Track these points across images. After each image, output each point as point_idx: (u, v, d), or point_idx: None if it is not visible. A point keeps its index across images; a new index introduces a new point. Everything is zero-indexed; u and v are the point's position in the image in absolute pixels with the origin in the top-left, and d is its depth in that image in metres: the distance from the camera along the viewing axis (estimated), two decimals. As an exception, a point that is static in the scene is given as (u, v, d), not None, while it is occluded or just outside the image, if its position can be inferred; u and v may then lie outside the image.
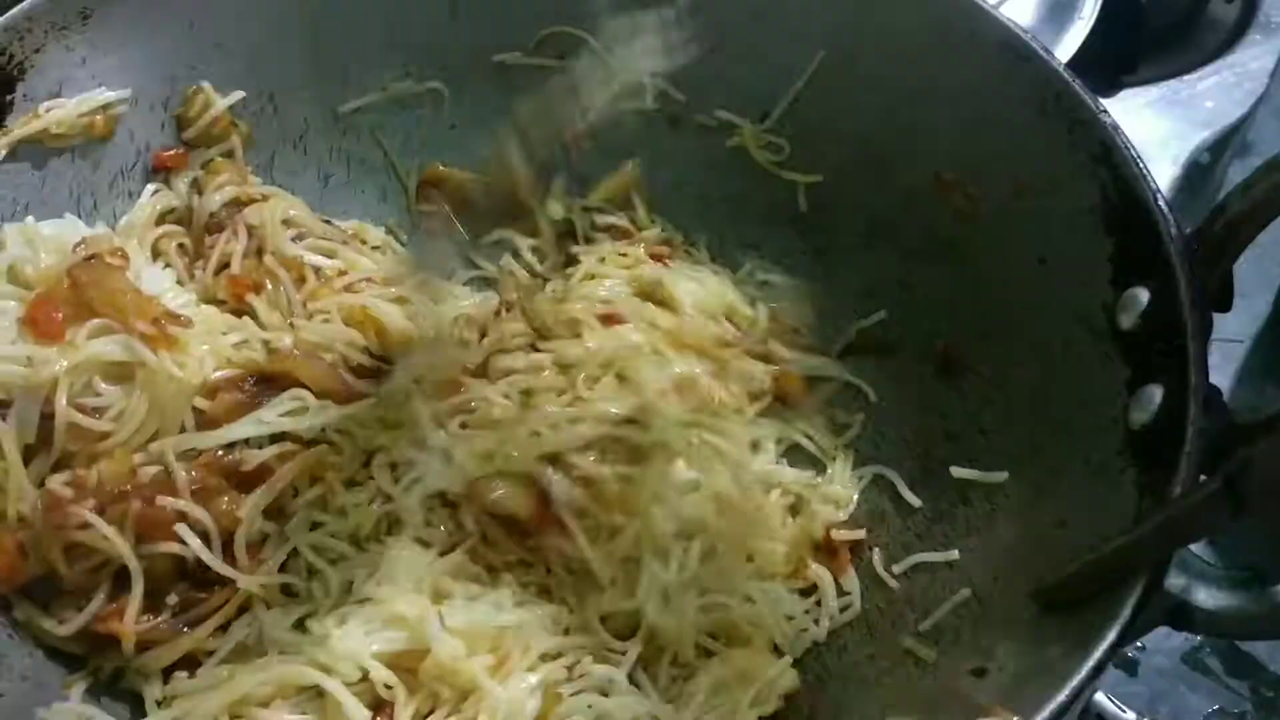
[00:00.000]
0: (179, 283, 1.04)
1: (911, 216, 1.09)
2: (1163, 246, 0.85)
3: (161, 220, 1.08)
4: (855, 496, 1.04)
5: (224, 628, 0.89)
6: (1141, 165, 0.90)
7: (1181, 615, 0.74)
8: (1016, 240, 1.00)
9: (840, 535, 1.00)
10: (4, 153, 0.98)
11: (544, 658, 0.86)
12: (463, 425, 0.97)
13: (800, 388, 1.09)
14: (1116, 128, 0.92)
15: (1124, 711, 1.09)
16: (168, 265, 1.05)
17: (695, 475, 0.96)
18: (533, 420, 0.95)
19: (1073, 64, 1.27)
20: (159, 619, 0.87)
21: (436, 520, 0.94)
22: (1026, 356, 0.97)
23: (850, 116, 1.12)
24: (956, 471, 0.99)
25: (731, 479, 0.97)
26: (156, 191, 1.09)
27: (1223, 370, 1.38)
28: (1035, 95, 0.97)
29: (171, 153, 1.10)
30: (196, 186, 1.09)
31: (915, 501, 1.01)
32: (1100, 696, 1.09)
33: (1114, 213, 0.91)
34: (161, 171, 1.10)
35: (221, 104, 1.10)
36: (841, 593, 0.99)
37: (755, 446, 1.04)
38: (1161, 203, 0.87)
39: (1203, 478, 0.76)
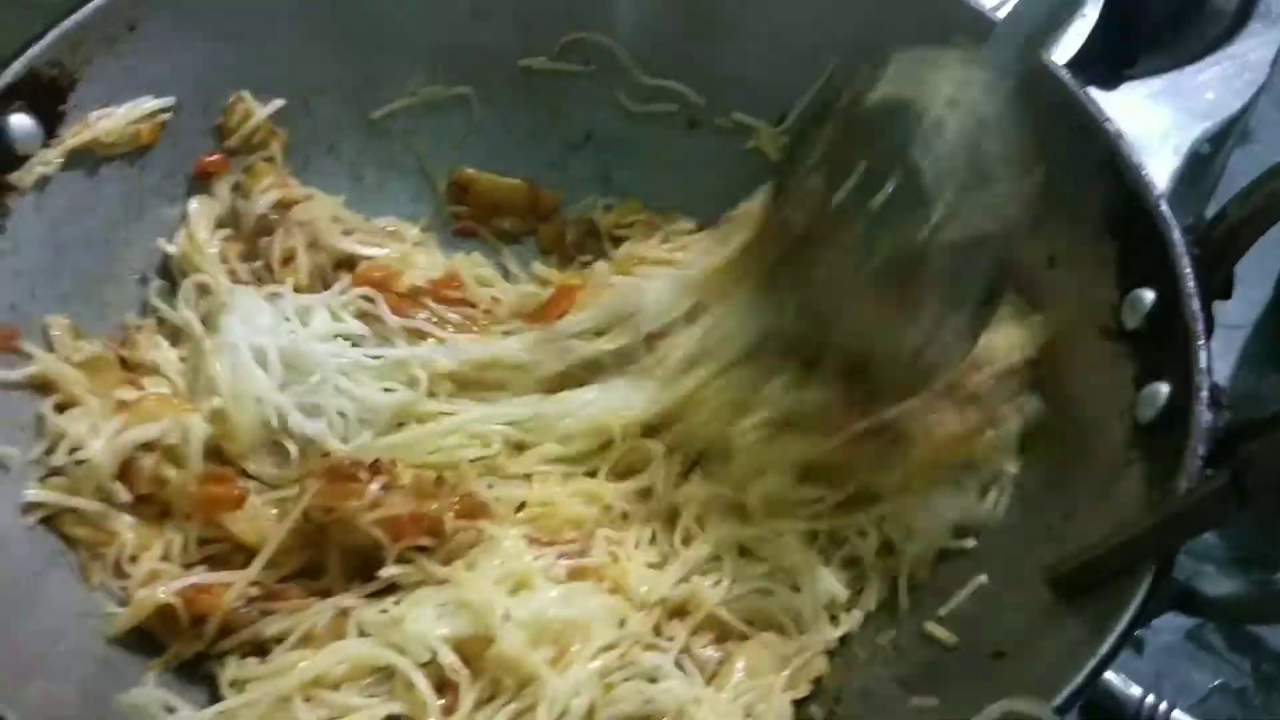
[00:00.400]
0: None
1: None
2: (1167, 253, 0.89)
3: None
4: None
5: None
6: (1145, 173, 0.94)
7: (1189, 601, 0.79)
8: (1027, 242, 1.03)
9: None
10: (60, 161, 1.01)
11: (602, 649, 0.90)
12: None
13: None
14: (1120, 135, 0.97)
15: (1130, 687, 1.12)
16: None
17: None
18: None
19: (1075, 59, 1.32)
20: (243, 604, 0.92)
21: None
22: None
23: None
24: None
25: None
26: (199, 205, 1.12)
27: (1224, 357, 1.41)
28: (1042, 103, 1.00)
29: (213, 158, 1.13)
30: (240, 190, 1.13)
31: (935, 490, 1.05)
32: (1108, 673, 1.12)
33: (1118, 219, 0.95)
34: (203, 177, 1.13)
35: (262, 113, 1.13)
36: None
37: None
38: (1165, 210, 0.91)
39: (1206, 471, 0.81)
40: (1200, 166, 1.38)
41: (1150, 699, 1.11)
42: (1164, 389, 0.87)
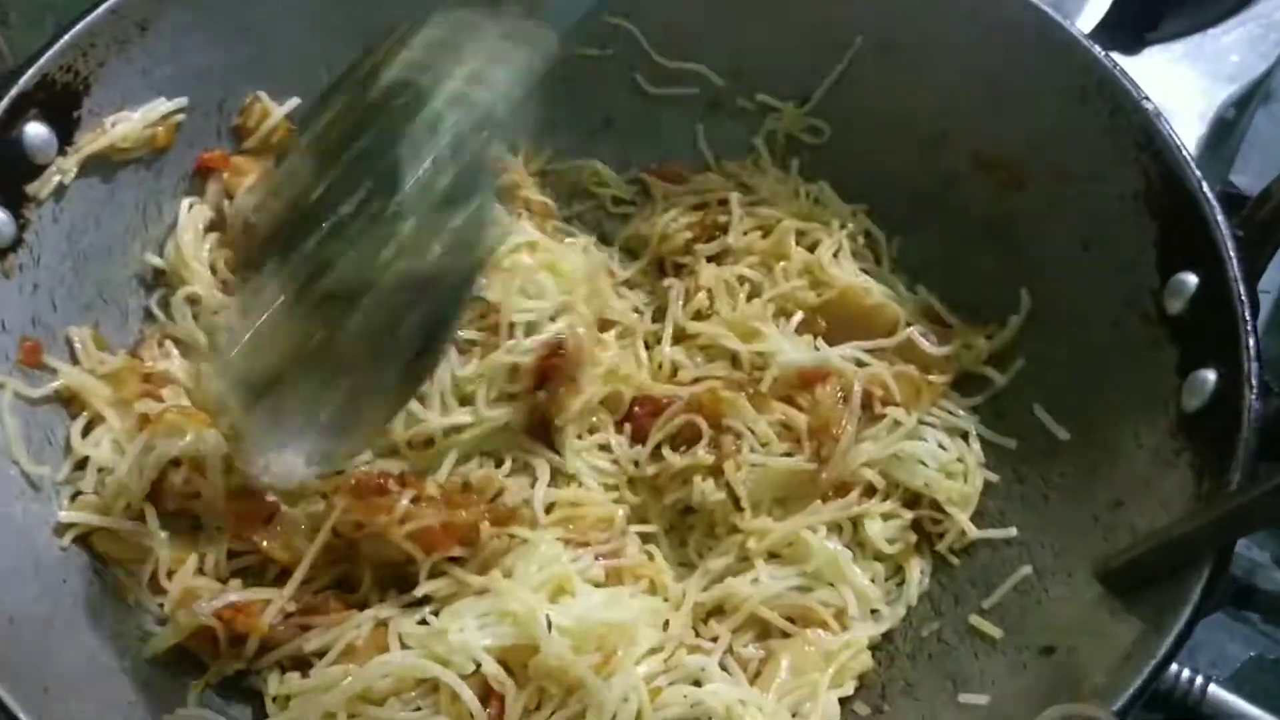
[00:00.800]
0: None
1: (953, 200, 1.11)
2: (1210, 235, 0.88)
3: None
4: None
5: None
6: (1185, 153, 0.92)
7: (1246, 597, 0.78)
8: (1060, 224, 1.03)
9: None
10: (76, 169, 0.99)
11: (647, 653, 0.90)
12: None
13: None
14: (1159, 115, 0.95)
15: (1168, 663, 1.12)
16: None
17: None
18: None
19: (1100, 26, 1.30)
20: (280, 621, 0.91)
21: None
22: (1075, 339, 1.01)
23: (890, 100, 1.13)
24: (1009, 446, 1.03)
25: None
26: (192, 208, 1.09)
27: (1255, 319, 1.40)
28: (1075, 82, 1.00)
29: (212, 154, 1.10)
30: (225, 190, 1.10)
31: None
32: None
33: (1157, 200, 0.94)
34: (204, 174, 1.11)
35: (279, 112, 1.11)
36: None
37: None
38: (1207, 191, 0.90)
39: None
40: (1225, 130, 1.37)
41: (1186, 673, 1.10)
42: (1210, 376, 0.85)
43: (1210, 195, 0.90)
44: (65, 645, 0.87)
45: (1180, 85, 1.37)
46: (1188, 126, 1.31)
